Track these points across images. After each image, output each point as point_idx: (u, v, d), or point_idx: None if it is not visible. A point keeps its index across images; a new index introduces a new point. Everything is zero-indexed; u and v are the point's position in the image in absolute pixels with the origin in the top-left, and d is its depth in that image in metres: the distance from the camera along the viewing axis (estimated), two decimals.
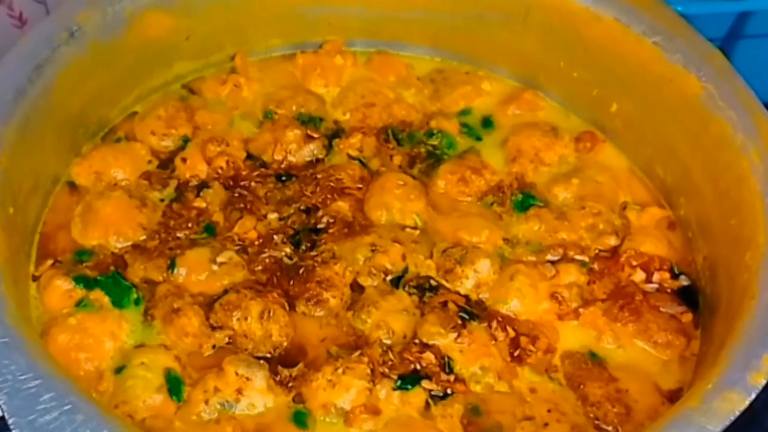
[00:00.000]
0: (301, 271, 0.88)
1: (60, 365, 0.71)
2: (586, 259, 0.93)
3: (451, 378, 0.82)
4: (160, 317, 0.84)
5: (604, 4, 0.99)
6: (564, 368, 0.85)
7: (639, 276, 0.91)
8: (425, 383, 0.81)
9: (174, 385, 0.80)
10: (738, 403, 0.69)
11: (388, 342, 0.84)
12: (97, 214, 0.90)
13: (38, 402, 0.65)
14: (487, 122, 1.06)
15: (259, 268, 0.89)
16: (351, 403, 0.79)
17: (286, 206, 0.94)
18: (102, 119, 1.00)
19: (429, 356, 0.83)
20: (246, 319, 0.83)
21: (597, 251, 0.93)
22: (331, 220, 0.93)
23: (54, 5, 1.20)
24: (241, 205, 0.93)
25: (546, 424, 0.80)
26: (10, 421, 0.65)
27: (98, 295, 0.85)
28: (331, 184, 0.96)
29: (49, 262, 0.87)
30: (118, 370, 0.80)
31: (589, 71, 1.03)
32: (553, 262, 0.92)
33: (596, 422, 0.81)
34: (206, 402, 0.78)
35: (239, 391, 0.79)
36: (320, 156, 1.00)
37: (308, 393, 0.80)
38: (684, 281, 0.92)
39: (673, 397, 0.83)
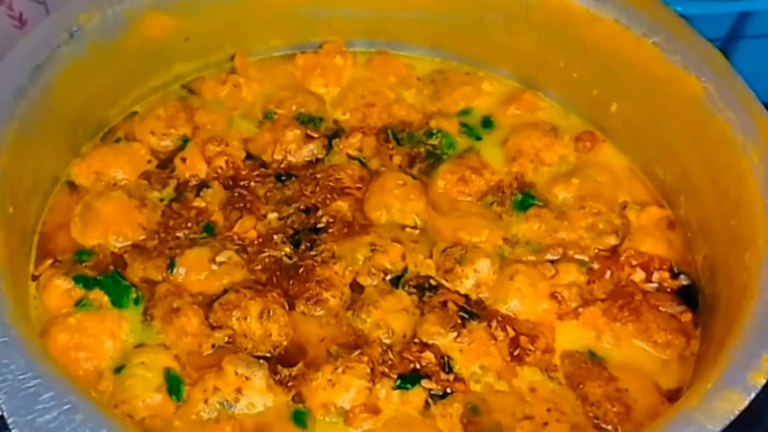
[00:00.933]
0: (300, 270, 0.89)
1: (59, 365, 0.71)
2: (586, 258, 0.93)
3: (451, 377, 0.82)
4: (159, 317, 0.84)
5: (604, 5, 0.98)
6: (564, 368, 0.85)
7: (639, 275, 0.91)
8: (425, 382, 0.81)
9: (173, 385, 0.79)
10: (738, 402, 0.69)
11: (388, 341, 0.84)
12: (97, 213, 0.90)
13: (37, 401, 0.65)
14: (487, 122, 1.06)
15: (259, 267, 0.89)
16: (350, 403, 0.79)
17: (285, 206, 0.94)
18: (101, 119, 1.00)
19: (429, 356, 0.83)
20: (245, 318, 0.83)
21: (597, 251, 0.93)
22: (331, 220, 0.93)
23: (54, 6, 1.20)
24: (241, 205, 0.93)
25: (545, 424, 0.80)
26: (9, 421, 0.65)
27: (98, 295, 0.85)
28: (331, 183, 0.96)
29: (49, 261, 0.87)
30: (118, 370, 0.80)
31: (589, 72, 1.03)
32: (552, 262, 0.92)
33: (596, 421, 0.81)
34: (206, 401, 0.78)
35: (239, 391, 0.79)
36: (320, 156, 1.00)
37: (308, 392, 0.80)
38: (684, 281, 0.92)
39: (673, 396, 0.83)
